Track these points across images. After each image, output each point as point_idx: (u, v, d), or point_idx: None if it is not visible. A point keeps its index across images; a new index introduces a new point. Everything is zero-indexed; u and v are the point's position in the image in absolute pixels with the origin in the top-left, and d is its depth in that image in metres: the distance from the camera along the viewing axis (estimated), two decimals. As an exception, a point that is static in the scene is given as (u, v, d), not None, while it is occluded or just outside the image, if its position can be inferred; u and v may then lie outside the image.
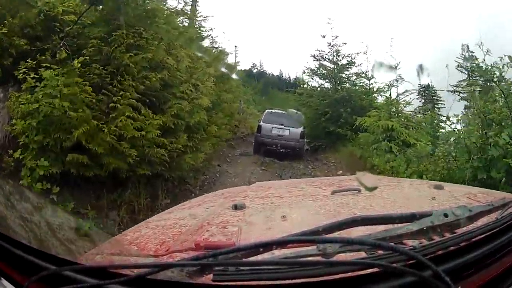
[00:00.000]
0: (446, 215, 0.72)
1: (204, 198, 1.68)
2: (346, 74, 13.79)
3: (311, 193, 1.42)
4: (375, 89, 12.95)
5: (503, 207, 0.80)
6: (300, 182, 1.84)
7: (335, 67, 13.71)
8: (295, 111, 13.05)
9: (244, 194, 1.54)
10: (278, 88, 24.38)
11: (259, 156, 11.04)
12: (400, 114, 9.73)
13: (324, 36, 13.88)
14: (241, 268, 0.60)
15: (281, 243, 0.66)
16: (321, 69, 14.06)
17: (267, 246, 0.64)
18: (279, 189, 1.61)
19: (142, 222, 1.35)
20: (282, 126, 11.18)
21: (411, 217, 0.74)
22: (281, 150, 11.01)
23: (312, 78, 14.43)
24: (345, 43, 13.86)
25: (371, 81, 13.18)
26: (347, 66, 13.74)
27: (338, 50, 13.73)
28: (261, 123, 11.47)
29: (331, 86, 13.79)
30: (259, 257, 0.65)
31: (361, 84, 13.67)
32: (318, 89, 14.13)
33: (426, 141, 8.39)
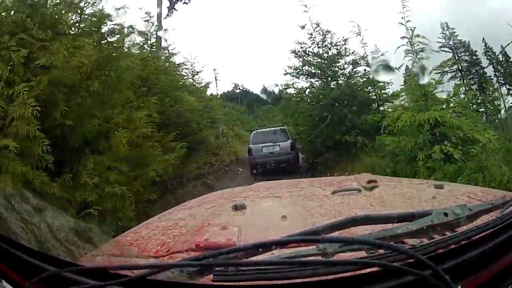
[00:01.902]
0: (446, 214, 0.72)
1: (204, 198, 1.68)
2: (338, 66, 10.83)
3: (311, 193, 1.42)
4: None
5: (503, 206, 0.80)
6: (300, 182, 1.84)
7: (322, 60, 10.82)
8: (279, 127, 12.15)
9: (244, 194, 1.54)
10: (263, 103, 23.14)
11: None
12: (435, 100, 6.64)
13: (303, 27, 10.95)
14: (241, 268, 0.60)
15: (281, 243, 0.66)
16: (306, 66, 11.07)
17: (267, 246, 0.64)
18: (279, 189, 1.61)
19: (143, 223, 1.36)
20: (271, 143, 11.26)
21: (411, 216, 0.74)
22: (281, 165, 10.99)
23: (298, 78, 11.29)
24: (329, 31, 10.98)
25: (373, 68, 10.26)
26: (338, 56, 10.85)
27: (324, 39, 10.91)
28: (251, 145, 11.56)
29: (322, 83, 10.82)
30: (259, 257, 0.65)
31: (360, 73, 10.60)
32: (307, 91, 11.16)
33: (489, 133, 6.14)
